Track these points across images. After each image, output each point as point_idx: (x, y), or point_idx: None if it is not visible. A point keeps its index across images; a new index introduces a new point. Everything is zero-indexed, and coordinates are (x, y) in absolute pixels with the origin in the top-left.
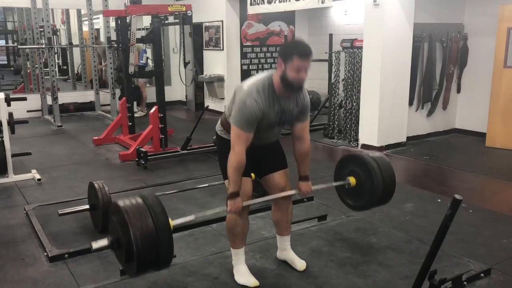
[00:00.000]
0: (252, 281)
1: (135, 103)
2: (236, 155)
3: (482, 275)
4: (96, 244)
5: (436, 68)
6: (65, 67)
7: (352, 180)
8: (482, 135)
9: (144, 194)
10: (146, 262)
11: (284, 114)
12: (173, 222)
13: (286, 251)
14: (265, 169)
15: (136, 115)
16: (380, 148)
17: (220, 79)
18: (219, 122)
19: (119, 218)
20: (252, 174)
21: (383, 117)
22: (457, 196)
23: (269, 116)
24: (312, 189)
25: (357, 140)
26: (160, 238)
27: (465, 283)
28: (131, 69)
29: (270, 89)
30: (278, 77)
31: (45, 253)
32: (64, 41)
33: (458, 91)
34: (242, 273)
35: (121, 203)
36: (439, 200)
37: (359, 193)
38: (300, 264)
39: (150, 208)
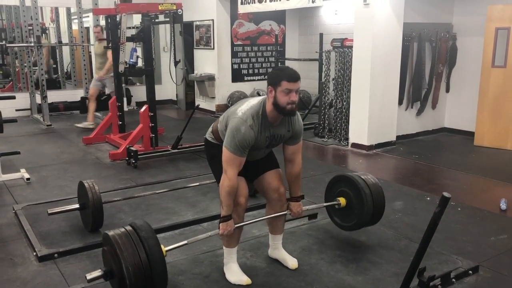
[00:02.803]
0: (244, 279)
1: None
2: (229, 180)
3: (470, 272)
4: (90, 276)
5: (425, 67)
6: (55, 66)
7: (342, 200)
8: (471, 134)
9: (136, 224)
10: None
11: (274, 139)
12: (165, 248)
13: (278, 250)
14: (257, 171)
15: (79, 125)
16: (370, 147)
17: (211, 78)
18: (210, 129)
19: (111, 250)
20: None
21: (373, 116)
22: (446, 194)
23: (259, 141)
24: (303, 209)
25: (347, 139)
26: (153, 269)
27: (453, 280)
28: (121, 68)
29: (263, 116)
30: (271, 104)
31: (34, 253)
32: (53, 40)
33: (447, 90)
34: (234, 272)
35: (111, 234)
36: (428, 198)
37: (348, 214)
38: (292, 262)
39: (142, 239)
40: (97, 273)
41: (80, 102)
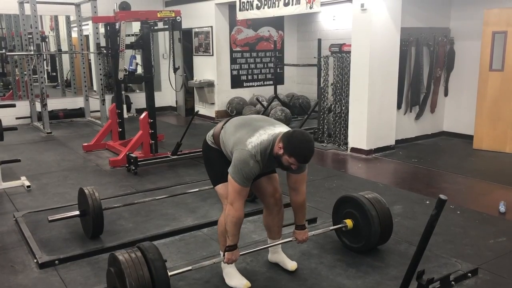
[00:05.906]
0: (244, 282)
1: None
2: (236, 211)
3: (470, 274)
4: None
5: (423, 71)
6: (54, 74)
7: (349, 223)
8: (470, 138)
9: (144, 246)
10: None
11: (274, 165)
12: (169, 273)
13: (277, 254)
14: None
15: None
16: (369, 151)
17: (210, 84)
18: (211, 133)
19: (116, 270)
20: None
21: (372, 120)
22: (442, 196)
23: (263, 170)
24: (308, 236)
25: (346, 143)
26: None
27: (452, 282)
28: (121, 75)
29: (270, 154)
30: (276, 150)
31: (35, 260)
32: (53, 48)
33: (446, 94)
34: (233, 276)
35: (118, 254)
36: (427, 202)
37: (356, 235)
38: (291, 264)
39: (149, 261)
40: None
41: None
